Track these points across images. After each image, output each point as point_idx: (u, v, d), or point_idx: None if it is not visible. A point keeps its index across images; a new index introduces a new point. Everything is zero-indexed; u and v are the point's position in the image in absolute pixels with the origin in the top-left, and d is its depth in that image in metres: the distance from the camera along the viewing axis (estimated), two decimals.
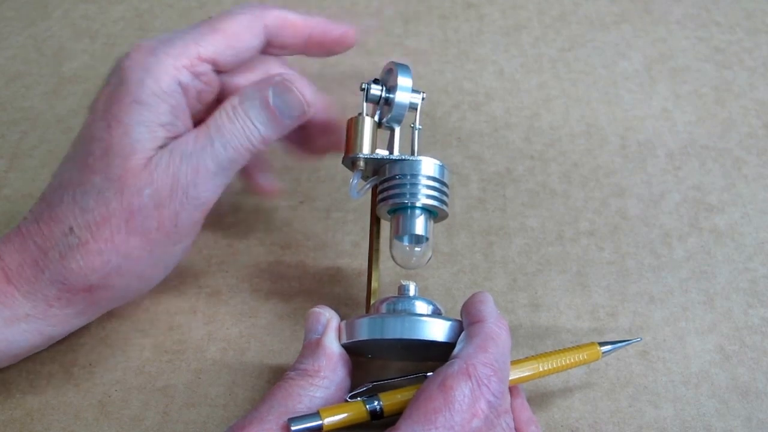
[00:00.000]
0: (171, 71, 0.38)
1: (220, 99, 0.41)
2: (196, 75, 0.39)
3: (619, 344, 0.41)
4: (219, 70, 0.40)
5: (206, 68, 0.39)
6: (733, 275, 0.48)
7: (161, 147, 0.38)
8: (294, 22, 0.42)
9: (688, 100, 0.61)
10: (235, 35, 0.40)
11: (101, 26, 0.69)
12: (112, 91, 0.38)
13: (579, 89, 0.62)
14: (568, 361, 0.39)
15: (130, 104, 0.37)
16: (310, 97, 0.40)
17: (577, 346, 0.40)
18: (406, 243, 0.42)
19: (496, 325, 0.36)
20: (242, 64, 0.41)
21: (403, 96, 0.42)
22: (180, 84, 0.38)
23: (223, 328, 0.45)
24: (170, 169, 0.37)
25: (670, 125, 0.59)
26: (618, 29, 0.69)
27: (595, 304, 0.47)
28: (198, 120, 0.40)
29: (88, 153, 0.38)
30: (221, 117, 0.39)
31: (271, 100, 0.39)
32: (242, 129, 0.39)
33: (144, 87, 0.37)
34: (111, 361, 0.43)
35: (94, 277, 0.37)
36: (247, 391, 0.42)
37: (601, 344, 0.40)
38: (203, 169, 0.38)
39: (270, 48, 0.42)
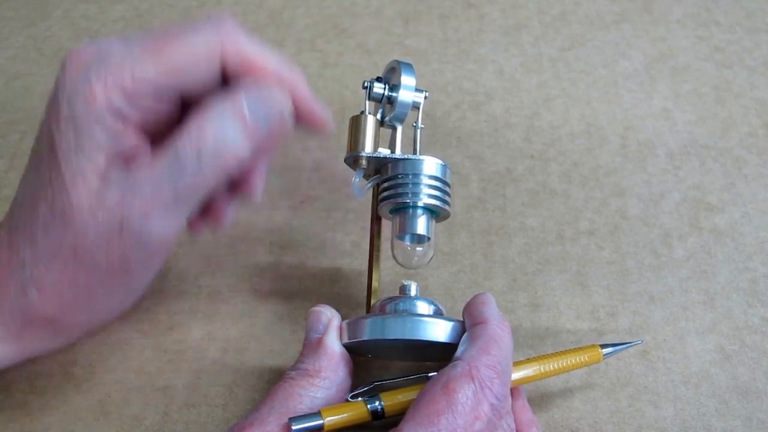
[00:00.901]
0: (101, 95, 0.33)
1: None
2: (133, 99, 0.34)
3: (621, 346, 0.41)
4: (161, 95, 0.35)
5: (144, 92, 0.34)
6: (734, 275, 0.48)
7: (107, 173, 0.33)
8: (256, 64, 0.36)
9: (689, 100, 0.61)
10: (180, 63, 0.34)
11: (101, 26, 0.69)
12: (50, 108, 0.34)
13: (579, 89, 0.62)
14: (569, 363, 0.39)
15: (66, 128, 0.33)
16: (285, 97, 0.35)
17: (579, 348, 0.40)
18: (407, 242, 0.42)
19: (498, 327, 0.36)
20: (196, 85, 0.36)
21: (406, 95, 0.42)
22: (111, 109, 0.33)
23: (223, 328, 0.45)
24: (117, 207, 0.33)
25: (670, 125, 0.59)
26: (618, 28, 0.69)
27: (595, 304, 0.47)
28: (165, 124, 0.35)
29: (36, 176, 0.34)
30: (182, 138, 0.33)
31: (245, 108, 0.34)
32: (212, 145, 0.33)
33: (73, 108, 0.33)
34: (111, 361, 0.43)
35: (51, 311, 0.35)
36: (247, 391, 0.42)
37: (603, 346, 0.40)
38: (158, 204, 0.33)
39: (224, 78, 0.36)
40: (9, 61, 0.65)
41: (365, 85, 0.43)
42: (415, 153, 0.42)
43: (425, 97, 0.43)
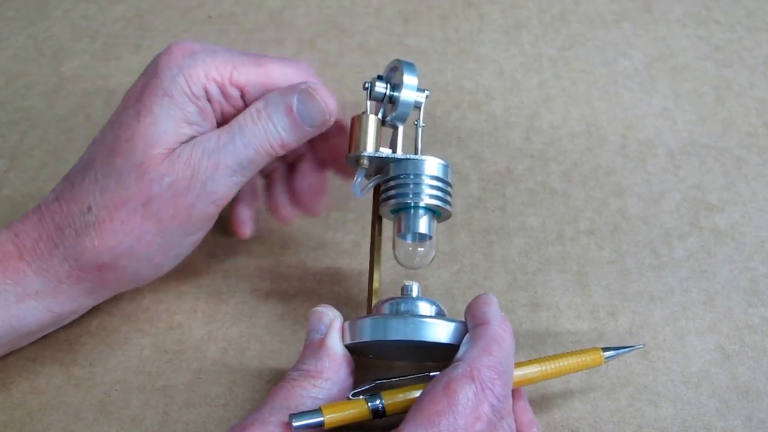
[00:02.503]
0: (203, 78, 0.39)
1: None
2: (224, 94, 0.40)
3: (622, 350, 0.41)
4: (245, 99, 0.41)
5: (235, 93, 0.40)
6: (734, 274, 0.48)
7: (184, 143, 0.39)
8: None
9: (689, 99, 0.61)
10: (273, 78, 0.41)
11: (101, 26, 0.69)
12: (146, 82, 0.39)
13: (579, 88, 0.62)
14: (570, 366, 0.39)
15: (161, 97, 0.38)
16: (333, 106, 0.41)
17: (581, 350, 0.40)
18: (409, 242, 0.42)
19: (500, 328, 0.36)
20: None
21: (408, 94, 0.42)
22: (207, 93, 0.39)
23: (223, 328, 0.45)
24: (191, 161, 0.38)
25: (670, 124, 0.59)
26: (618, 28, 0.69)
27: (595, 304, 0.47)
28: None
29: (115, 138, 0.39)
30: (245, 119, 0.40)
31: (294, 106, 0.40)
32: (264, 132, 0.40)
33: (176, 84, 0.39)
34: (111, 361, 0.43)
35: (106, 257, 0.38)
36: (247, 391, 0.42)
37: (605, 349, 0.40)
38: (223, 165, 0.39)
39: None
40: (9, 61, 0.65)
41: (366, 85, 0.43)
42: (416, 153, 0.42)
43: (426, 97, 0.43)
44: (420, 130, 0.43)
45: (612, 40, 0.67)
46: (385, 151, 0.42)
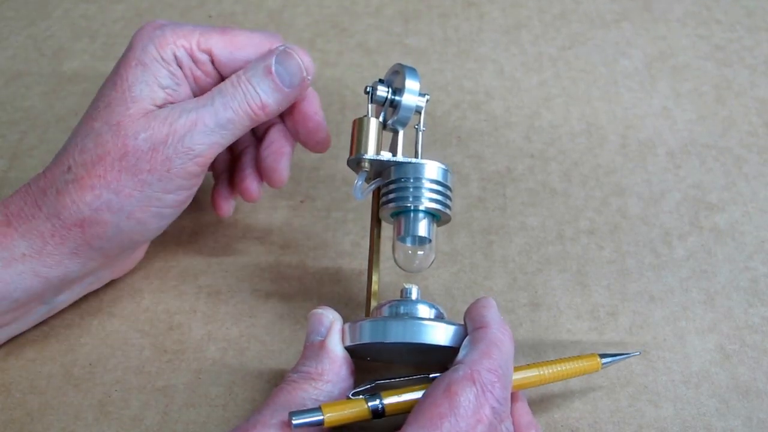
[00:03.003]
0: (171, 45, 0.41)
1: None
2: (193, 59, 0.42)
3: (620, 357, 0.41)
4: (216, 66, 0.43)
5: (203, 57, 0.42)
6: (734, 274, 0.48)
7: (161, 106, 0.41)
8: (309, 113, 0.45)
9: (689, 99, 0.61)
10: (239, 44, 0.43)
11: (101, 26, 0.69)
12: (122, 57, 0.42)
13: (579, 88, 0.62)
14: (568, 371, 0.39)
15: (135, 66, 0.41)
16: (309, 64, 0.42)
17: (579, 356, 0.40)
18: (408, 245, 0.42)
19: (499, 331, 0.36)
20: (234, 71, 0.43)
21: (410, 99, 0.42)
22: (176, 58, 0.41)
23: (223, 328, 0.45)
24: (168, 119, 0.40)
25: (670, 124, 0.59)
26: (618, 27, 0.69)
27: (595, 304, 0.47)
28: None
29: (94, 107, 0.41)
30: (225, 84, 0.41)
31: (273, 67, 0.41)
32: (243, 93, 0.41)
33: (147, 52, 0.41)
34: (111, 361, 0.43)
35: (86, 211, 0.39)
36: (247, 391, 0.42)
37: (602, 356, 0.40)
38: (201, 123, 0.40)
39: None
40: (9, 61, 0.65)
41: (367, 89, 0.43)
42: (416, 156, 0.42)
43: (427, 101, 0.43)
44: (420, 134, 0.43)
45: (612, 39, 0.67)
46: (386, 155, 0.42)
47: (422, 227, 0.41)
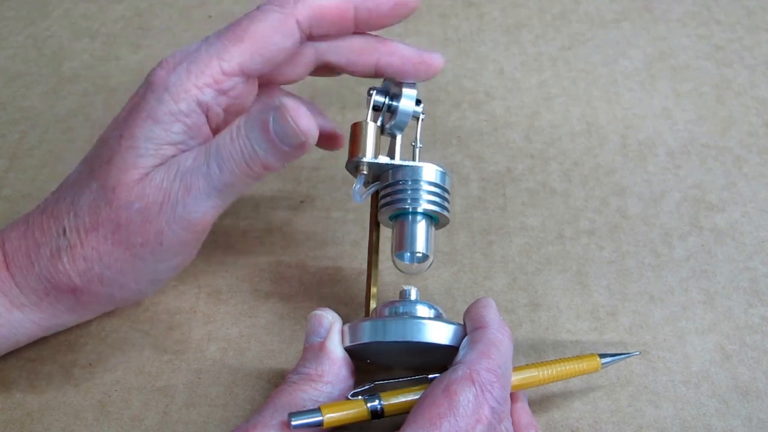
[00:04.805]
0: (192, 91, 0.37)
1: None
2: (221, 92, 0.38)
3: (619, 357, 0.41)
4: (251, 78, 0.39)
5: (233, 82, 0.38)
6: (734, 274, 0.48)
7: (163, 164, 0.37)
8: (330, 9, 0.39)
9: (689, 99, 0.61)
10: (263, 40, 0.38)
11: (101, 26, 0.69)
12: (134, 104, 0.38)
13: (579, 88, 0.62)
14: (567, 371, 0.39)
15: (144, 120, 0.37)
16: (305, 127, 0.36)
17: (578, 356, 0.40)
18: (407, 262, 0.42)
19: (498, 332, 0.36)
20: (280, 65, 0.40)
21: (407, 104, 0.42)
22: (200, 104, 0.37)
23: (223, 328, 0.45)
24: (163, 185, 0.37)
25: (670, 124, 0.59)
26: (618, 27, 0.69)
27: (595, 304, 0.47)
28: None
29: (97, 156, 0.38)
30: (224, 137, 0.37)
31: (270, 125, 0.36)
32: (241, 151, 0.36)
33: (161, 105, 0.37)
34: (111, 361, 0.43)
35: (77, 281, 0.38)
36: (247, 391, 0.42)
37: (602, 356, 0.40)
38: (195, 189, 0.36)
39: (314, 38, 0.40)
40: (9, 61, 0.65)
41: (370, 92, 0.43)
42: (413, 159, 0.43)
43: (423, 113, 0.43)
44: (418, 151, 0.43)
45: (612, 39, 0.67)
46: (384, 159, 0.42)
47: (420, 229, 0.41)
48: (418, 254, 0.41)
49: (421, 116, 0.44)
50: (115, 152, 0.37)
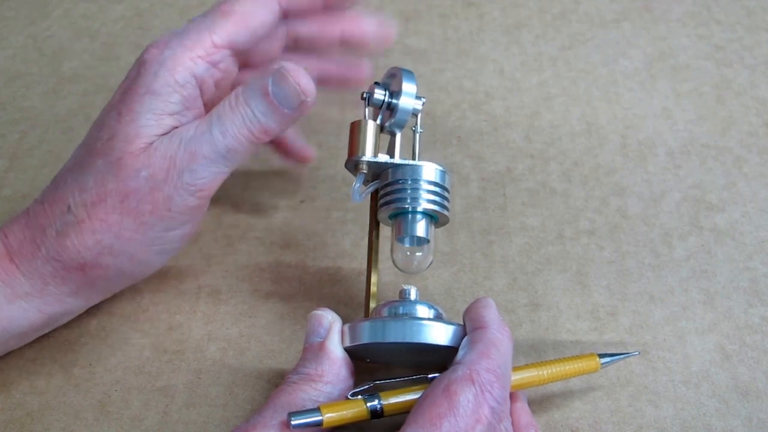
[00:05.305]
0: (187, 63, 0.39)
1: (234, 84, 0.42)
2: (213, 64, 0.40)
3: (618, 356, 0.41)
4: (237, 54, 0.41)
5: (223, 55, 0.40)
6: (734, 274, 0.48)
7: (165, 134, 0.38)
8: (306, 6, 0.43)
9: (689, 99, 0.61)
10: (248, 15, 0.40)
11: (101, 26, 0.69)
12: (129, 84, 0.39)
13: (579, 88, 0.62)
14: (567, 371, 0.39)
15: (143, 95, 0.38)
16: (306, 86, 0.39)
17: (577, 356, 0.40)
18: (407, 246, 0.42)
19: (498, 332, 0.36)
20: (260, 42, 0.42)
21: (407, 101, 0.42)
22: (195, 76, 0.39)
23: (223, 328, 0.45)
24: (168, 153, 0.38)
25: (670, 124, 0.59)
26: (618, 27, 0.69)
27: (595, 304, 0.47)
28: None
29: (96, 138, 0.39)
30: (223, 105, 0.39)
31: (270, 89, 0.39)
32: (242, 118, 0.39)
33: (158, 78, 0.38)
34: (111, 361, 0.43)
35: (87, 255, 0.38)
36: (247, 390, 0.42)
37: (601, 356, 0.40)
38: (200, 155, 0.38)
39: (289, 16, 0.43)
40: (9, 61, 0.65)
41: (364, 95, 0.43)
42: (414, 158, 0.42)
43: (423, 104, 0.43)
44: (418, 136, 0.43)
45: (612, 39, 0.67)
46: (383, 157, 0.42)
47: (421, 228, 0.41)
48: (418, 238, 0.41)
49: (422, 101, 0.43)
50: (116, 129, 0.38)
